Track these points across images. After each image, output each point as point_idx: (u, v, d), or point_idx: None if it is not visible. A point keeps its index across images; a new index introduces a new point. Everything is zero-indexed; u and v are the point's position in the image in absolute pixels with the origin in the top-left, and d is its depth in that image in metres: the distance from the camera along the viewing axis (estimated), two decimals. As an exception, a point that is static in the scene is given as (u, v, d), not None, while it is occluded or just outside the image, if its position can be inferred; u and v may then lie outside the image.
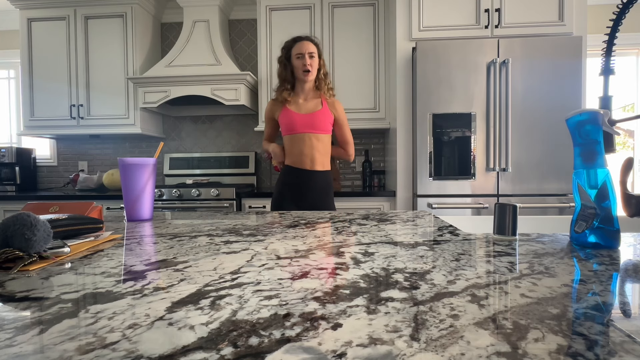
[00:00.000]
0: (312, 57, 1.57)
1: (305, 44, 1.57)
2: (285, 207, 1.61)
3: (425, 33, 2.10)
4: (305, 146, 1.59)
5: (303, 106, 1.62)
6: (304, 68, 1.56)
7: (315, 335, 0.26)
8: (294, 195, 1.62)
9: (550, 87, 1.94)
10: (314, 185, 1.61)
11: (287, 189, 1.62)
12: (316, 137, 1.60)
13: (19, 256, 0.45)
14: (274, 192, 1.67)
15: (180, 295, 0.34)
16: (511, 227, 0.61)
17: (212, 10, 2.65)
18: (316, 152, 1.61)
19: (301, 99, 1.63)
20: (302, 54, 1.56)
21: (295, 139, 1.60)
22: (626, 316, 0.29)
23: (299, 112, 1.60)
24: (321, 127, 1.60)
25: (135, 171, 0.90)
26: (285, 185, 1.63)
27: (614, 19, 0.60)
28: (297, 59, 1.57)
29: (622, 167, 0.59)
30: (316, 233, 0.69)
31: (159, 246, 0.58)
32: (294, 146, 1.61)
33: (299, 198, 1.61)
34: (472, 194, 1.98)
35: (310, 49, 1.56)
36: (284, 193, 1.63)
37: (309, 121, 1.58)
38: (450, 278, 0.39)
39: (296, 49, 1.57)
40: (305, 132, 1.59)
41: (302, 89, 1.63)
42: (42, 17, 2.69)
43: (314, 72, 1.58)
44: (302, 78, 1.58)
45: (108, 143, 3.04)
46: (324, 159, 1.64)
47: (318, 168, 1.62)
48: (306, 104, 1.63)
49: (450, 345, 0.24)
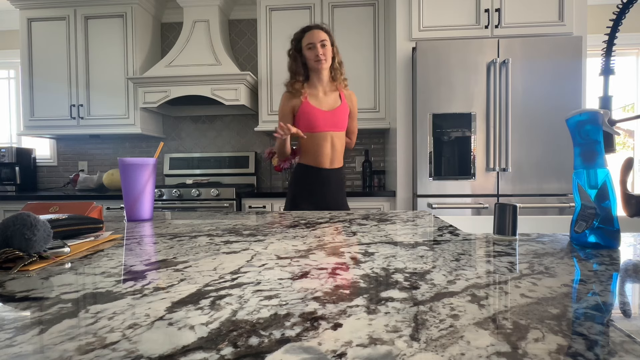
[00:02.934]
0: (324, 45, 1.47)
1: (316, 33, 1.48)
2: (303, 208, 1.53)
3: (425, 33, 2.10)
4: (326, 145, 1.52)
5: (324, 101, 1.53)
6: (316, 58, 1.47)
7: (315, 335, 0.26)
8: (311, 196, 1.54)
9: (550, 87, 1.94)
10: (331, 183, 1.55)
11: (304, 190, 1.54)
12: (337, 135, 1.54)
13: (19, 256, 0.45)
14: (289, 192, 1.59)
15: (180, 295, 0.34)
16: (511, 227, 0.61)
17: (212, 10, 2.65)
18: (336, 151, 1.55)
19: (320, 92, 1.54)
20: (313, 43, 1.46)
21: (315, 137, 1.51)
22: (626, 316, 0.29)
23: (321, 108, 1.51)
24: (342, 124, 1.55)
25: (135, 171, 0.90)
26: (302, 186, 1.55)
27: (614, 19, 0.60)
28: (309, 50, 1.48)
29: (622, 167, 0.59)
30: (316, 233, 0.69)
31: (159, 246, 0.58)
32: (313, 144, 1.52)
33: (317, 198, 1.54)
34: (472, 194, 1.98)
35: (321, 37, 1.47)
36: (301, 194, 1.54)
37: (332, 119, 1.51)
38: (450, 278, 0.39)
39: (306, 39, 1.48)
40: (327, 130, 1.51)
41: (319, 80, 1.53)
42: (42, 17, 2.69)
43: (328, 60, 1.50)
44: (317, 68, 1.49)
45: (108, 143, 3.04)
46: (341, 156, 1.58)
47: (336, 166, 1.56)
48: (326, 98, 1.54)
49: (450, 345, 0.24)
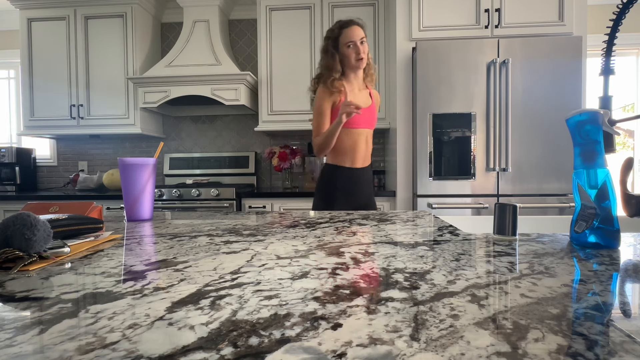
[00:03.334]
0: (362, 42, 1.44)
1: (356, 30, 1.44)
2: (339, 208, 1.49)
3: (425, 33, 2.10)
4: (361, 142, 1.50)
5: (359, 98, 1.51)
6: (357, 57, 1.43)
7: (315, 335, 0.26)
8: (348, 195, 1.50)
9: (550, 87, 1.94)
10: (366, 181, 1.54)
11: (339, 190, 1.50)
12: (370, 133, 1.54)
13: (19, 256, 0.45)
14: (321, 193, 1.53)
15: (180, 295, 0.34)
16: (511, 227, 0.61)
17: (212, 10, 2.65)
18: (369, 148, 1.54)
19: (355, 88, 1.51)
20: (353, 42, 1.43)
21: (352, 133, 1.47)
22: (626, 316, 0.29)
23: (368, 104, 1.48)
24: (374, 122, 1.54)
25: (135, 171, 0.90)
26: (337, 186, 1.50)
27: (614, 19, 0.60)
28: (349, 48, 1.43)
29: (622, 167, 0.59)
30: (316, 233, 0.69)
31: (159, 246, 0.58)
32: (350, 142, 1.48)
33: (353, 197, 1.51)
34: (472, 194, 1.98)
35: (360, 35, 1.44)
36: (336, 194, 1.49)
37: (367, 116, 1.49)
38: (450, 278, 0.39)
39: (346, 37, 1.44)
40: (363, 127, 1.49)
41: (355, 77, 1.50)
42: (42, 17, 2.69)
43: (366, 58, 1.47)
44: (357, 66, 1.46)
45: (108, 143, 3.04)
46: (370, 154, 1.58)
47: (367, 164, 1.55)
48: (360, 95, 1.52)
49: (450, 345, 0.24)
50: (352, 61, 1.45)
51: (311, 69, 2.54)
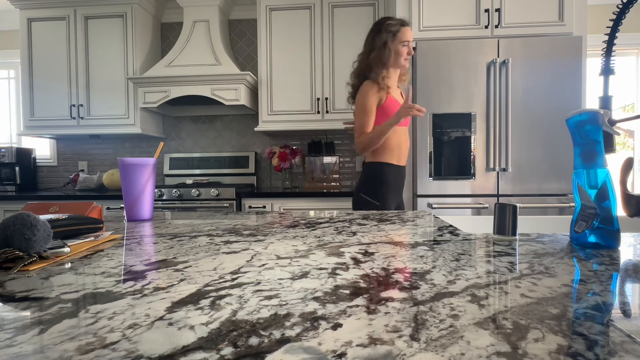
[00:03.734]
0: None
1: (409, 31, 1.48)
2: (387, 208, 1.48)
3: (425, 33, 2.10)
4: (404, 140, 1.53)
5: (398, 96, 1.54)
6: (407, 56, 1.48)
7: (315, 335, 0.26)
8: (394, 193, 1.51)
9: (550, 87, 1.94)
10: (404, 179, 1.57)
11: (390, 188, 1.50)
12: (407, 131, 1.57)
13: (19, 256, 0.45)
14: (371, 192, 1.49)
15: (180, 295, 0.34)
16: (511, 227, 0.61)
17: (212, 10, 2.65)
18: (408, 146, 1.57)
19: (394, 87, 1.54)
20: (408, 41, 1.47)
21: (399, 132, 1.50)
22: (626, 316, 0.29)
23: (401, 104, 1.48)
24: (409, 120, 1.56)
25: (135, 171, 0.90)
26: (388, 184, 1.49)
27: (614, 19, 0.60)
28: (403, 47, 1.46)
29: (622, 167, 0.59)
30: (316, 233, 0.69)
31: (159, 246, 0.58)
32: (397, 139, 1.50)
33: (398, 195, 1.53)
34: (472, 194, 1.98)
35: (411, 37, 1.49)
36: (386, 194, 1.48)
37: None
38: (450, 278, 0.39)
39: (403, 35, 1.46)
40: (405, 125, 1.52)
41: (396, 75, 1.54)
42: (42, 17, 2.69)
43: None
44: (404, 65, 1.50)
45: (108, 143, 3.04)
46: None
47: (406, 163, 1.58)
48: (397, 93, 1.56)
49: (450, 345, 0.24)
50: (402, 60, 1.48)
51: (311, 69, 2.54)
